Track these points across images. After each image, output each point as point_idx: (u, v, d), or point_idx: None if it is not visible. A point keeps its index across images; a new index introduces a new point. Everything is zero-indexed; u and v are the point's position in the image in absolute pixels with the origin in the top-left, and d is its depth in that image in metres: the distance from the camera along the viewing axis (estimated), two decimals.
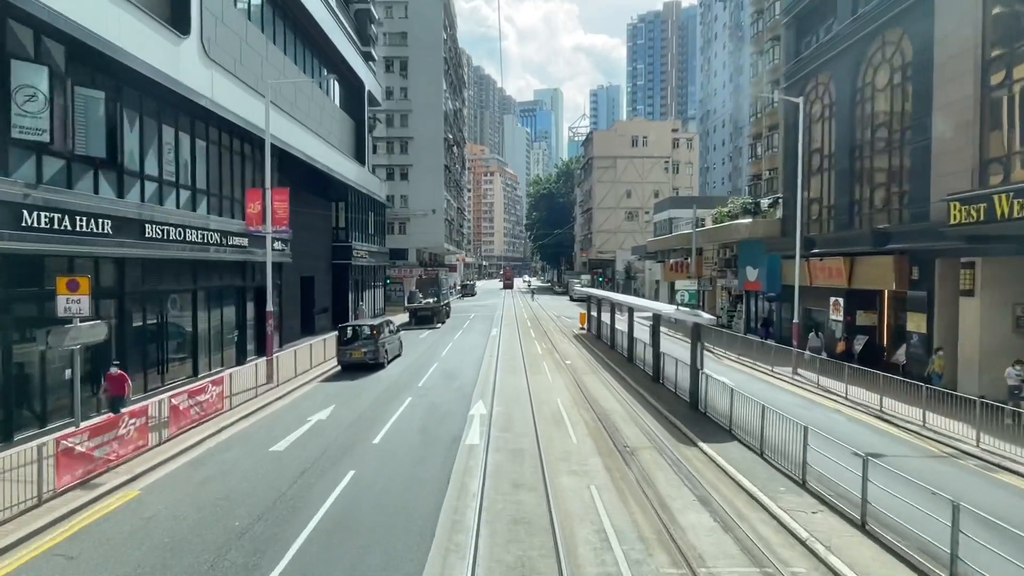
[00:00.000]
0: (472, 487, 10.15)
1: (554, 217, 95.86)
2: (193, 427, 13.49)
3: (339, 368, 22.07)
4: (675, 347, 21.60)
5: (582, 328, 35.63)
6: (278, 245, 24.05)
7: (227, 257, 20.37)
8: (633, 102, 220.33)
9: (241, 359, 22.14)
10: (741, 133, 73.15)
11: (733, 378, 18.36)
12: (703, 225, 35.56)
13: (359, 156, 40.78)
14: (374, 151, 60.80)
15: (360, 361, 21.47)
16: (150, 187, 16.83)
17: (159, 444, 12.16)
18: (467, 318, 44.27)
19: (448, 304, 43.99)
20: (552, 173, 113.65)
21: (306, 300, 30.87)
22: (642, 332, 23.18)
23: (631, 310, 24.09)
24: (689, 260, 39.79)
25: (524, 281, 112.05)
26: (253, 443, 12.95)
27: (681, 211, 45.76)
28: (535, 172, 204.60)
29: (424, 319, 38.64)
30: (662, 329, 20.18)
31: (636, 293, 55.29)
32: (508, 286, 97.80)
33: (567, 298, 70.72)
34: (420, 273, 58.82)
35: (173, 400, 13.00)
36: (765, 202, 28.71)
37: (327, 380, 20.44)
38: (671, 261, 43.76)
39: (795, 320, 20.73)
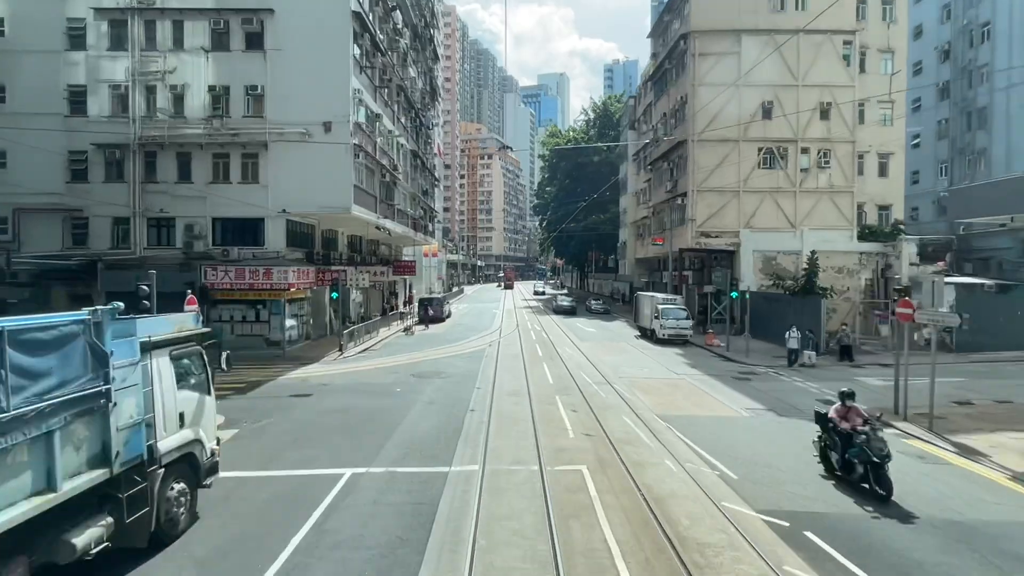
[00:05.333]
0: None
1: (582, 189, 59.08)
2: None
3: None
4: None
5: None
6: None
7: None
8: None
9: None
10: None
11: None
12: None
13: None
14: None
15: None
16: None
17: None
18: None
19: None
20: (580, 122, 74.92)
21: None
22: None
23: None
24: None
25: (536, 292, 70.63)
26: None
27: None
28: (539, 162, 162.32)
29: None
30: None
31: None
32: (508, 287, 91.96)
33: (633, 334, 33.89)
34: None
35: None
36: None
37: None
38: None
39: None
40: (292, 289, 25.14)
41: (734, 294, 25.98)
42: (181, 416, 7.96)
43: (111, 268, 24.89)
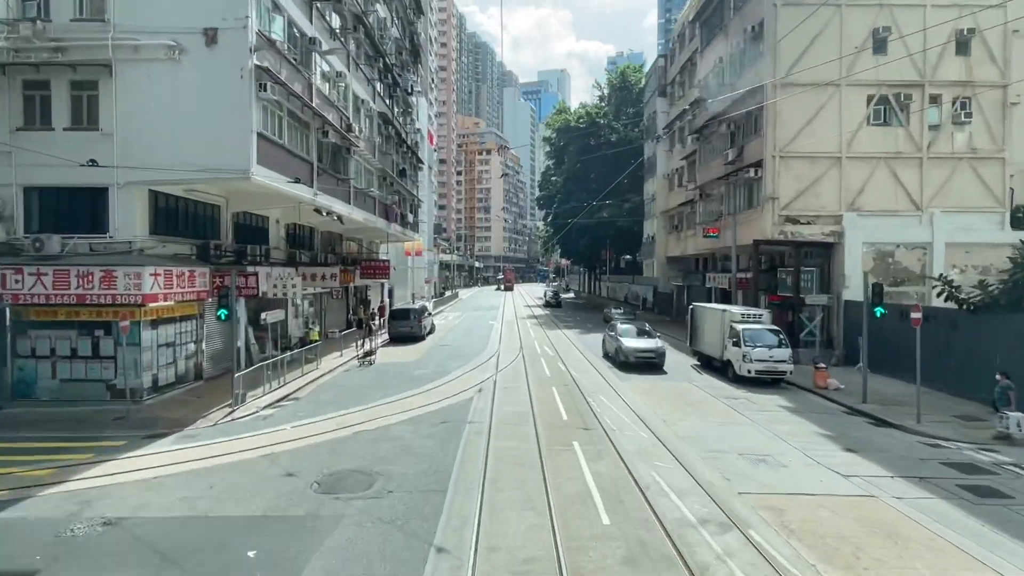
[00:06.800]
0: None
1: (595, 176, 49.06)
2: None
3: None
4: None
5: None
6: None
7: None
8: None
9: None
10: None
11: None
12: None
13: None
14: None
15: None
16: None
17: None
18: None
19: None
20: (593, 97, 64.61)
21: None
22: None
23: None
24: None
25: (548, 302, 56.24)
26: None
27: None
28: (540, 158, 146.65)
29: None
30: None
31: None
32: (508, 288, 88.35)
33: (689, 363, 23.95)
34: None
35: None
36: None
37: None
38: None
39: None
40: (154, 302, 15.16)
41: (879, 310, 15.90)
42: None
43: None
